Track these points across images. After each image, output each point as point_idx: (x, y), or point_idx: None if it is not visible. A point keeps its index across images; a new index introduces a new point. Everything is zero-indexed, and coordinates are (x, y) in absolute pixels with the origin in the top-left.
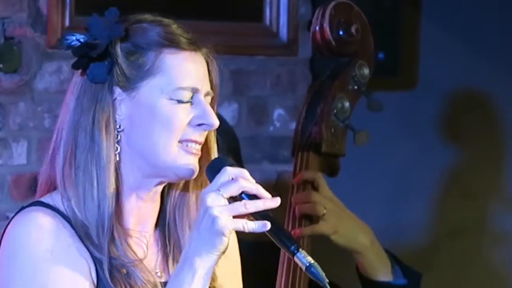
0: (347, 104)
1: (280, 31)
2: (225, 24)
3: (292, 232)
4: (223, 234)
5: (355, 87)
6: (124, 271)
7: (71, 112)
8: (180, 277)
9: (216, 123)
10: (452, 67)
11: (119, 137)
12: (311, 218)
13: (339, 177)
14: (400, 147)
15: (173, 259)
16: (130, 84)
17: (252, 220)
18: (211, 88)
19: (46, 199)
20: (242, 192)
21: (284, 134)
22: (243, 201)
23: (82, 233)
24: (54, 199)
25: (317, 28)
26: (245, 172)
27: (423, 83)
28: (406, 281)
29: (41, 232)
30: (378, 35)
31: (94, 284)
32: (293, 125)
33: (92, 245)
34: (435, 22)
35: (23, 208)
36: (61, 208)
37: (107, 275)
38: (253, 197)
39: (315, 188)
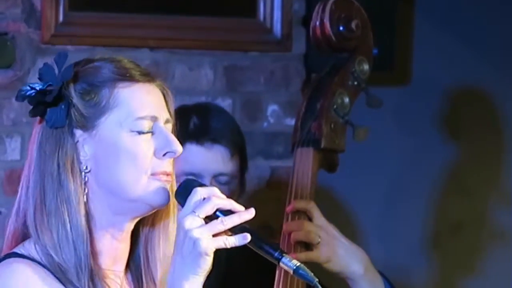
0: (346, 99)
1: (274, 27)
2: (218, 19)
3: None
4: (206, 255)
5: (355, 83)
6: None
7: (36, 161)
8: None
9: (180, 149)
10: (446, 63)
11: (86, 178)
12: (306, 245)
13: (338, 173)
14: (394, 143)
15: None
16: (89, 123)
17: (230, 235)
18: (170, 116)
19: (19, 249)
20: (217, 210)
21: (278, 130)
22: (220, 218)
23: (62, 278)
24: (27, 249)
25: (317, 23)
26: (215, 190)
27: (417, 79)
28: None
29: (28, 283)
30: (372, 30)
31: None
32: (287, 121)
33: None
34: (429, 18)
35: None
36: (36, 257)
37: None
38: (228, 212)
39: (308, 217)
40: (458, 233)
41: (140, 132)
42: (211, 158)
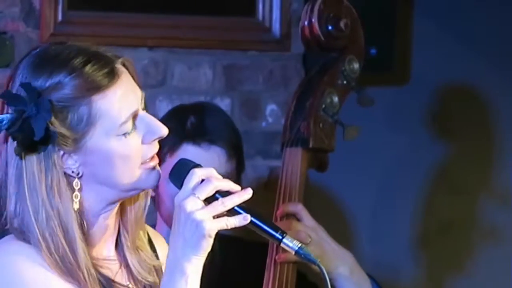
0: (336, 99)
1: (273, 26)
2: (217, 19)
3: (277, 257)
4: (210, 236)
5: (345, 82)
6: None
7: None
8: (173, 285)
9: (165, 130)
10: (445, 63)
11: (79, 184)
12: None
13: (329, 172)
14: (386, 142)
15: (135, 269)
16: (76, 144)
17: (229, 216)
18: (139, 87)
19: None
20: (216, 191)
21: (276, 129)
22: (220, 199)
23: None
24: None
25: (306, 23)
26: (213, 171)
27: (415, 79)
28: None
29: (25, 261)
30: (372, 30)
31: None
32: None
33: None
34: (428, 18)
35: None
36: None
37: None
38: (226, 193)
39: (298, 219)
40: (448, 232)
41: (126, 134)
42: (208, 158)
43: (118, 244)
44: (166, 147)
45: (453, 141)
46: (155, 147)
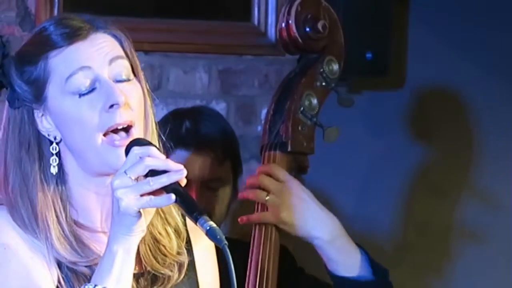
0: (315, 101)
1: (268, 30)
2: (213, 23)
3: (239, 219)
4: (130, 215)
5: (323, 83)
6: (87, 272)
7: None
8: (102, 264)
9: (121, 99)
10: (440, 68)
11: (57, 149)
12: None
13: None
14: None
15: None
16: (36, 99)
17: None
18: (126, 56)
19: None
20: (152, 170)
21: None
22: (147, 178)
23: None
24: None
25: (283, 24)
26: (152, 149)
27: (410, 83)
28: (374, 277)
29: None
30: (367, 35)
31: (55, 280)
32: None
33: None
34: (423, 23)
35: None
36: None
37: (69, 274)
38: (163, 173)
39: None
40: (428, 234)
41: (80, 94)
42: (201, 163)
43: None
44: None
45: (437, 145)
46: (118, 117)
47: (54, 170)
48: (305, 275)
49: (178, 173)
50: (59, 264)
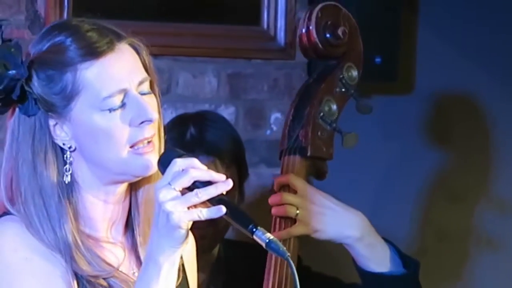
0: (334, 107)
1: (278, 34)
2: (222, 27)
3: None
4: (180, 228)
5: (343, 89)
6: (104, 283)
7: (9, 147)
8: (146, 276)
9: (154, 116)
10: (449, 73)
11: (71, 158)
12: (293, 220)
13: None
14: (381, 149)
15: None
16: (59, 110)
17: (209, 207)
18: (147, 73)
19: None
20: (196, 182)
21: (280, 138)
22: (195, 190)
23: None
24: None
25: (304, 30)
26: (195, 161)
27: (419, 88)
28: (404, 270)
29: (16, 240)
30: (376, 40)
31: None
32: None
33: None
34: (432, 28)
35: None
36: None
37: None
38: (207, 184)
39: (293, 190)
40: (446, 240)
41: (111, 110)
42: None
43: (127, 230)
44: None
45: (453, 150)
46: (146, 131)
47: (67, 179)
48: (312, 273)
49: (225, 183)
50: (77, 276)
